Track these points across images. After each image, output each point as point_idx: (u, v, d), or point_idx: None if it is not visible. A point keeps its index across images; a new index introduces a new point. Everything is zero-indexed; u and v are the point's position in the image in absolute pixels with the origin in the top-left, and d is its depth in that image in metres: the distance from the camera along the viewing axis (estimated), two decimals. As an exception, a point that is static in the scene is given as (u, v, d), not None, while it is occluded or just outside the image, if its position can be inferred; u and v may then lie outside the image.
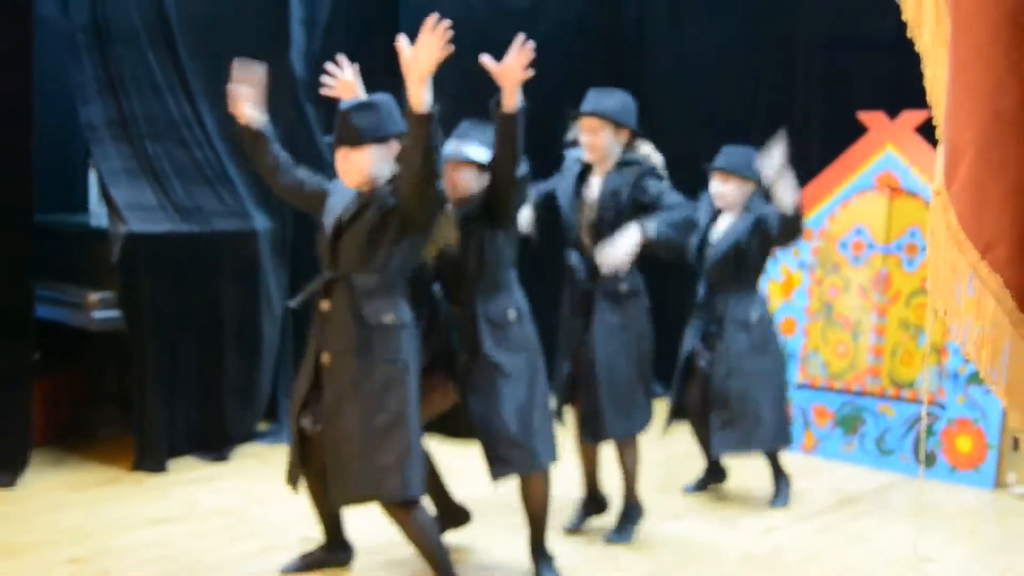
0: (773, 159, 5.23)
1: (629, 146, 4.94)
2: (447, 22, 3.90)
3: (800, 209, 5.32)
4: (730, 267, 5.53)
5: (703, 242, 5.60)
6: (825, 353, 6.74)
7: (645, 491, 5.36)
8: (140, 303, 5.91)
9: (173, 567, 4.64)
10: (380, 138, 4.14)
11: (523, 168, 4.32)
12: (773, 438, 5.69)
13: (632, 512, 5.13)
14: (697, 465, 6.03)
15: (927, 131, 5.83)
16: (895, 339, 6.49)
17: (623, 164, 4.91)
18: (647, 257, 4.74)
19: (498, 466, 4.34)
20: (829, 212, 6.74)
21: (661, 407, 5.61)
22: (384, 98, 4.27)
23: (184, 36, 6.26)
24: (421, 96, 3.94)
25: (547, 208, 5.09)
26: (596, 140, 4.86)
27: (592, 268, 4.85)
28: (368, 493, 4.06)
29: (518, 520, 4.72)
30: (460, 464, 5.18)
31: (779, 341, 5.82)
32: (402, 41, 3.97)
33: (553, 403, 4.98)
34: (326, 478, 4.13)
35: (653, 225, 4.60)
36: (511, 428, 4.30)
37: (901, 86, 6.63)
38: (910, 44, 2.17)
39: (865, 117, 6.62)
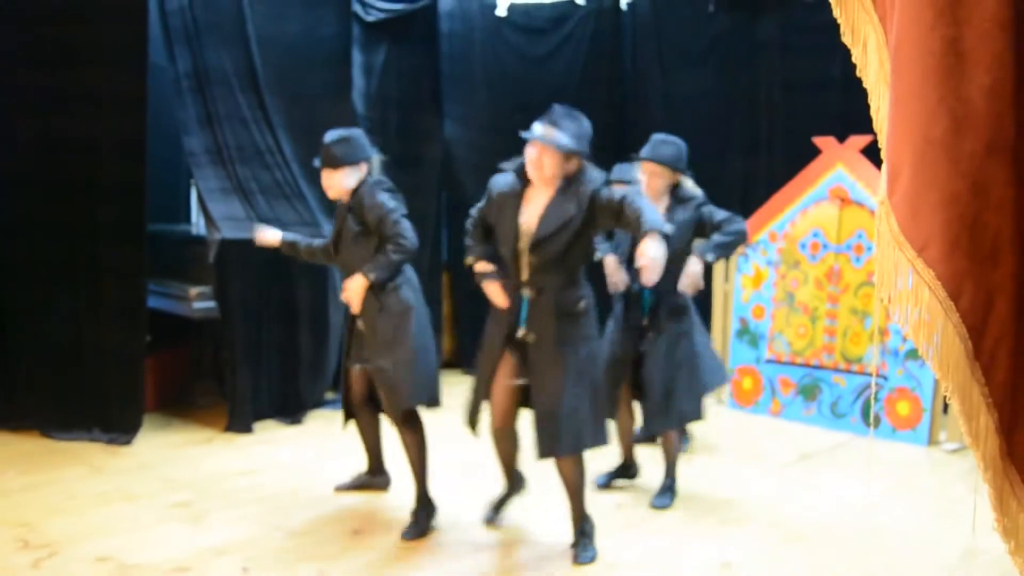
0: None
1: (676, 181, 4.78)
2: None
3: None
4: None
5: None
6: (788, 334, 6.71)
7: (641, 449, 5.37)
8: (231, 296, 5.93)
9: (259, 508, 4.67)
10: (352, 162, 4.49)
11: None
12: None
13: (672, 484, 4.91)
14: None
15: (871, 152, 5.81)
16: (846, 322, 6.46)
17: (684, 199, 4.74)
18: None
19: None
20: (791, 219, 6.70)
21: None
22: (356, 132, 4.63)
23: (267, 80, 6.28)
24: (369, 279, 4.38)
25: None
26: (654, 182, 4.71)
27: (657, 290, 4.60)
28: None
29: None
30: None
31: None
32: None
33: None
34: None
35: (712, 254, 4.66)
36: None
37: (848, 116, 6.62)
38: (856, 81, 2.16)
39: (819, 141, 6.59)
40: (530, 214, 3.97)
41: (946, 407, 5.93)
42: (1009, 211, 1.86)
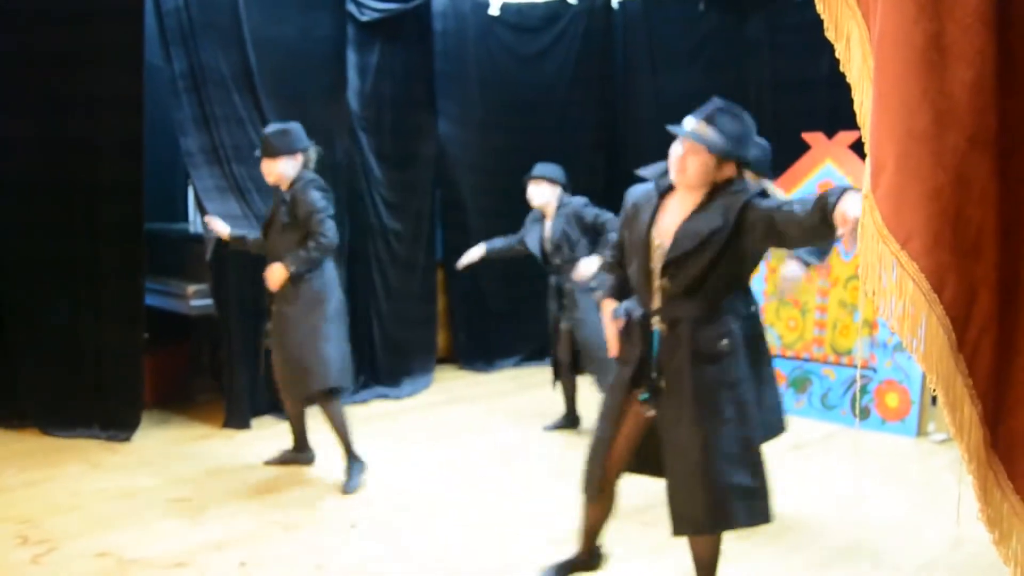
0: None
1: None
2: None
3: None
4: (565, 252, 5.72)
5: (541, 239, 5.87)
6: (779, 327, 6.70)
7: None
8: (228, 293, 5.91)
9: (257, 503, 4.67)
10: (290, 152, 4.82)
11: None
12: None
13: None
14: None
15: (859, 148, 5.79)
16: (835, 315, 6.46)
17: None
18: None
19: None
20: (781, 215, 6.69)
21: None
22: (294, 125, 4.94)
23: (263, 80, 6.24)
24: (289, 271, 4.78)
25: None
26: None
27: None
28: None
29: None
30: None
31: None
32: None
33: None
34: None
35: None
36: None
37: (836, 112, 6.60)
38: (844, 78, 2.15)
39: (808, 137, 6.57)
40: (666, 227, 3.19)
41: (935, 399, 5.93)
42: (992, 204, 1.85)
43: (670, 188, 3.24)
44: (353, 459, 4.98)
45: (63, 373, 5.72)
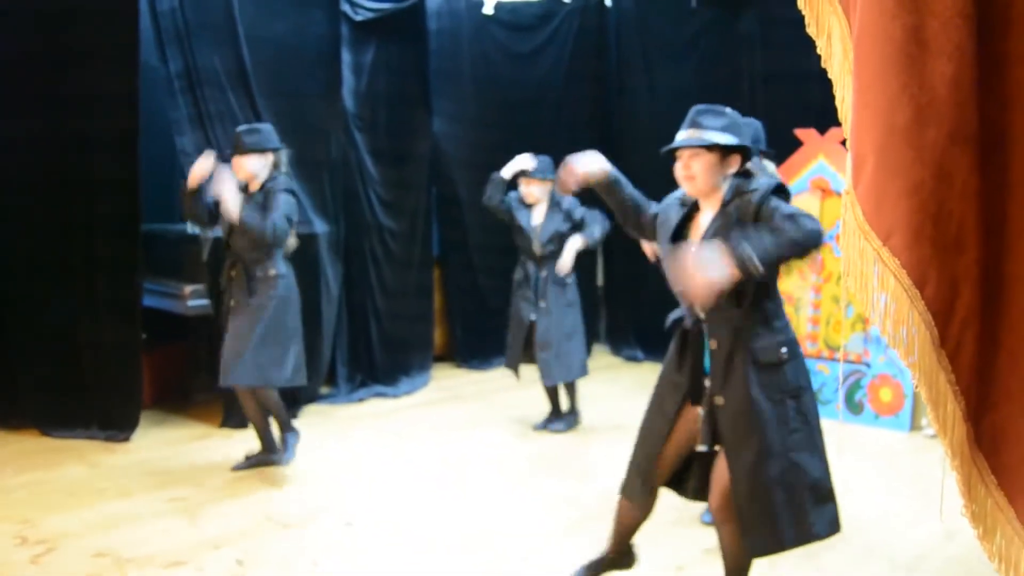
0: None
1: None
2: None
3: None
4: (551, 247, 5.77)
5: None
6: (773, 323, 6.69)
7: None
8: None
9: (254, 502, 4.66)
10: (260, 150, 4.90)
11: None
12: (579, 370, 5.91)
13: None
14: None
15: (851, 144, 5.77)
16: (828, 311, 6.44)
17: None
18: None
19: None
20: (774, 210, 6.67)
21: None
22: (266, 125, 5.11)
23: (257, 79, 6.22)
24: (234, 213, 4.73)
25: None
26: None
27: None
28: None
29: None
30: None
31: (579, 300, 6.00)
32: None
33: None
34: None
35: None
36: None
37: (828, 108, 6.52)
38: (831, 74, 2.13)
39: (800, 133, 6.56)
40: (695, 237, 3.12)
41: (927, 392, 5.91)
42: (973, 199, 1.84)
43: (697, 204, 3.19)
44: (290, 432, 5.09)
45: (61, 373, 5.70)
